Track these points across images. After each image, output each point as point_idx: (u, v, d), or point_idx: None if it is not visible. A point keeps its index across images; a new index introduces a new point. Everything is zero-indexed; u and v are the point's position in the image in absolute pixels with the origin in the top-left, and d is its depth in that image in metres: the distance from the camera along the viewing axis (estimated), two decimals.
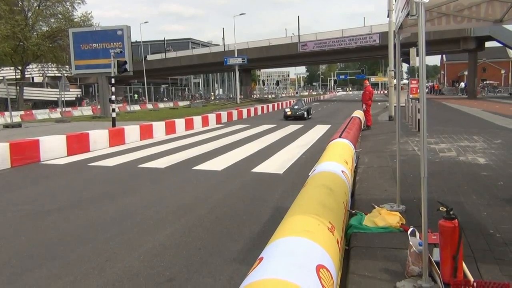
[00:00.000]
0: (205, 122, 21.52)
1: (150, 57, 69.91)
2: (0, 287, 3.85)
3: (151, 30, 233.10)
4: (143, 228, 5.45)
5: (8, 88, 35.95)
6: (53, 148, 11.51)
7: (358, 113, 17.90)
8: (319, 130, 17.91)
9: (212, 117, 22.82)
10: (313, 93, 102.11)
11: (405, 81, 49.60)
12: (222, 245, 4.74)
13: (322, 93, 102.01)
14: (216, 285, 3.79)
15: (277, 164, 9.81)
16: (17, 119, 27.48)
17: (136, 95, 60.62)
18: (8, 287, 3.85)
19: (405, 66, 57.99)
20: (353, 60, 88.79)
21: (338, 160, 6.28)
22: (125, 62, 19.43)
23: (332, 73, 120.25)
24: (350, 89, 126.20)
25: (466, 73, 60.23)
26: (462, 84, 60.00)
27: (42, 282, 3.93)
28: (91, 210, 6.38)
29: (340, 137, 9.14)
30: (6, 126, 22.09)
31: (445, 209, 3.17)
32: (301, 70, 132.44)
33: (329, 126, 19.49)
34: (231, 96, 71.38)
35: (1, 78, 55.09)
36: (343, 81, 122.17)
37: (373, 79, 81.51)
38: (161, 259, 4.39)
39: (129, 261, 4.36)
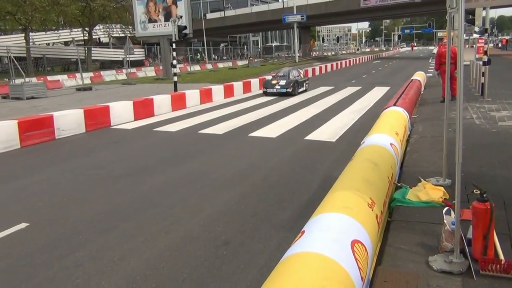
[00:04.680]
0: (262, 84, 21.78)
1: (209, 16, 70.16)
2: (86, 243, 4.56)
3: None
4: (202, 194, 6.02)
5: (78, 49, 38.19)
6: (121, 114, 12.46)
7: (419, 75, 17.37)
8: (376, 93, 17.66)
9: (269, 79, 22.99)
10: (375, 49, 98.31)
11: (476, 36, 46.34)
12: (273, 213, 5.20)
13: (384, 49, 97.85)
14: (266, 250, 4.26)
15: (330, 131, 10.04)
16: (87, 81, 29.20)
17: (198, 55, 61.63)
18: (90, 244, 4.55)
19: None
20: (419, 14, 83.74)
21: (388, 132, 6.42)
22: (185, 27, 19.93)
23: (396, 27, 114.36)
24: (415, 44, 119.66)
25: None
26: None
27: (118, 240, 4.61)
28: (157, 175, 7.06)
29: (395, 104, 9.14)
30: (79, 89, 23.69)
31: (478, 192, 3.36)
32: (363, 25, 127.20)
33: (388, 88, 19.11)
34: (289, 54, 70.50)
35: (71, 39, 58.41)
36: (408, 35, 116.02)
37: (440, 33, 76.64)
38: (218, 224, 4.93)
39: (191, 225, 4.95)
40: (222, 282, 3.69)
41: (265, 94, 18.52)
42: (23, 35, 42.91)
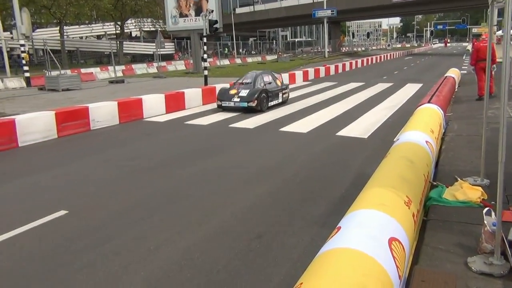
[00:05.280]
0: (292, 79, 21.74)
1: (238, 10, 70.29)
2: (122, 231, 4.68)
3: None
4: (234, 187, 6.07)
5: (111, 43, 38.96)
6: (154, 106, 12.67)
7: (453, 72, 16.95)
8: (409, 90, 17.35)
9: (299, 74, 22.95)
10: (407, 45, 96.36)
11: None
12: (305, 208, 5.20)
13: (416, 45, 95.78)
14: (299, 245, 4.27)
15: (362, 127, 9.94)
16: (119, 74, 29.76)
17: (226, 49, 61.87)
18: (129, 231, 4.67)
19: None
20: (452, 10, 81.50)
21: (423, 129, 6.31)
22: (216, 22, 20.05)
23: (428, 23, 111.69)
24: (448, 40, 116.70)
25: None
26: None
27: (153, 230, 4.70)
28: (189, 167, 7.16)
29: (429, 101, 8.96)
30: (111, 81, 24.19)
31: None
32: (395, 21, 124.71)
33: (420, 85, 18.73)
34: (319, 49, 69.89)
35: (103, 33, 59.63)
36: (441, 31, 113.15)
37: (475, 29, 74.37)
38: (250, 217, 4.97)
39: (224, 217, 5.00)
40: (256, 275, 3.73)
41: (220, 108, 13.20)
42: (58, 28, 44.07)
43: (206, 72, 18.98)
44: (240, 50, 60.23)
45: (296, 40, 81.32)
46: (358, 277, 2.53)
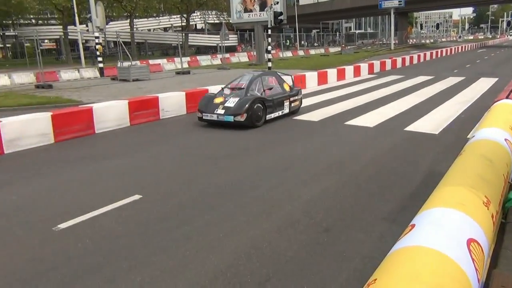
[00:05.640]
0: (357, 72, 21.28)
1: (302, 2, 69.58)
2: (191, 219, 4.85)
3: None
4: (300, 180, 6.09)
5: (178, 35, 40.18)
6: None
7: None
8: (483, 85, 16.40)
9: (364, 66, 22.40)
10: (480, 37, 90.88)
11: None
12: (374, 204, 5.11)
13: (490, 37, 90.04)
14: (368, 240, 4.22)
15: (432, 122, 9.55)
16: (185, 65, 30.61)
17: (288, 41, 61.65)
18: (196, 219, 4.83)
19: None
20: None
21: (501, 126, 5.97)
22: (281, 13, 20.03)
23: (505, 13, 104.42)
24: None
25: None
26: None
27: (222, 218, 4.84)
28: (255, 158, 7.28)
29: (507, 97, 8.45)
30: (178, 72, 24.97)
31: None
32: (467, 11, 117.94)
33: (495, 79, 17.64)
34: (384, 41, 67.71)
35: (170, 25, 61.52)
36: None
37: None
38: (317, 210, 4.97)
39: (290, 209, 5.04)
40: (324, 268, 3.74)
41: (201, 120, 10.21)
42: (128, 21, 46.06)
43: (270, 64, 19.07)
44: (303, 42, 59.65)
45: (357, 32, 79.27)
46: (436, 278, 2.47)
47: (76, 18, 33.43)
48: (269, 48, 19.55)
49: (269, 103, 10.20)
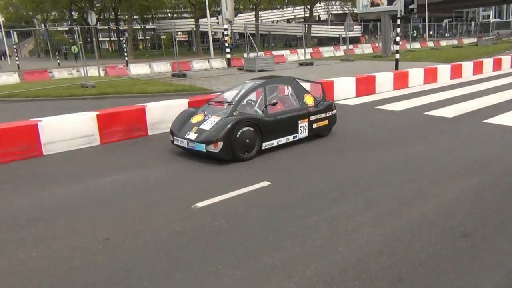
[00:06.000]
0: (497, 65, 19.25)
1: None
2: (319, 210, 4.88)
3: None
4: (434, 179, 5.74)
5: (303, 26, 40.46)
6: (344, 89, 12.76)
7: None
8: None
9: (506, 59, 20.17)
10: None
11: None
12: None
13: None
14: None
15: None
16: (307, 56, 30.73)
17: (415, 32, 58.12)
18: (324, 210, 4.83)
19: None
20: None
21: None
22: (412, 2, 18.86)
23: None
24: None
25: None
26: None
27: (351, 212, 4.76)
28: (384, 153, 7.05)
29: None
30: (301, 63, 25.20)
31: None
32: None
33: None
34: None
35: (293, 17, 62.11)
36: None
37: None
38: (454, 213, 4.63)
39: (423, 209, 4.79)
40: (463, 276, 3.47)
41: (173, 144, 7.56)
42: (253, 13, 47.60)
43: (397, 56, 18.19)
44: (431, 33, 55.61)
45: (493, 21, 71.30)
46: None
47: (207, 11, 35.55)
48: (397, 39, 18.58)
49: (269, 124, 7.27)
